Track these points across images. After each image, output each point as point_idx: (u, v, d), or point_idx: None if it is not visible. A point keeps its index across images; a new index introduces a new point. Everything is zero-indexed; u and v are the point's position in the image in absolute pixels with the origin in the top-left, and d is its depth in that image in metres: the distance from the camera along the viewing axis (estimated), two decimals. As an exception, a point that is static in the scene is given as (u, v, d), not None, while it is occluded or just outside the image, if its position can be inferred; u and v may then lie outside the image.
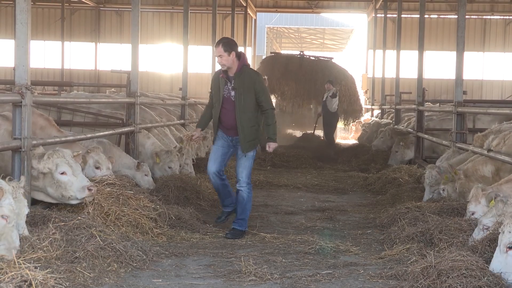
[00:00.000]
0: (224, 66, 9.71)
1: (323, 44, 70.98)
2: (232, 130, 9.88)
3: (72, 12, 42.37)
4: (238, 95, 9.72)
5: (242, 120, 9.71)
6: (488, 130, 12.05)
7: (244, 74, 9.78)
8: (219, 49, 9.68)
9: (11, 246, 6.58)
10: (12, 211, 6.62)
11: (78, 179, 8.58)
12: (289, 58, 27.87)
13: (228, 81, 9.81)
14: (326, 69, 26.28)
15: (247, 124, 9.73)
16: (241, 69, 9.77)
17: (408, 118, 21.10)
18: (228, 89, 9.81)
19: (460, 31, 14.16)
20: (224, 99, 9.85)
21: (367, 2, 39.56)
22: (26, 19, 8.37)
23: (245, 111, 9.73)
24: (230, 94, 9.79)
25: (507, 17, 40.89)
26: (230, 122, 9.83)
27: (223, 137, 10.00)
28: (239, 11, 37.24)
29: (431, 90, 34.31)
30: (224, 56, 9.64)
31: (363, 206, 12.90)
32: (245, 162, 9.91)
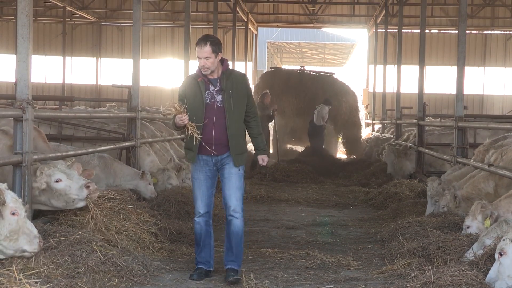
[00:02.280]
0: (207, 70, 7.99)
1: (324, 59, 71.08)
2: (219, 145, 8.05)
3: (74, 27, 42.46)
4: (226, 99, 8.00)
5: (232, 129, 8.04)
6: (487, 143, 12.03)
7: (233, 74, 8.17)
8: (206, 49, 7.93)
9: (31, 236, 6.67)
10: (17, 202, 6.69)
11: (74, 181, 8.60)
12: (289, 73, 27.87)
13: (210, 84, 8.07)
14: (327, 85, 26.27)
15: (237, 133, 8.11)
16: (227, 69, 8.17)
17: (408, 134, 21.09)
18: (211, 94, 8.04)
19: (460, 46, 14.18)
20: (207, 107, 8.02)
21: (368, 17, 39.64)
22: (27, 34, 8.39)
23: (235, 118, 8.07)
24: (215, 100, 8.02)
25: (508, 32, 40.94)
26: (217, 135, 8.01)
27: (206, 162, 8.10)
28: (240, 26, 37.30)
29: (432, 105, 34.32)
30: (212, 58, 7.95)
31: (364, 220, 12.89)
32: (236, 182, 8.12)
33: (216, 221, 10.81)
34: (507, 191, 9.41)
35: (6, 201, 6.67)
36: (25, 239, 6.65)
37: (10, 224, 6.65)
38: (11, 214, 6.66)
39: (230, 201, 8.11)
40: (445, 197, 10.77)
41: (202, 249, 8.25)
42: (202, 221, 8.23)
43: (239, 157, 8.14)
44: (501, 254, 6.53)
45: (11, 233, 6.64)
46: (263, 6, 40.10)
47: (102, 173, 11.76)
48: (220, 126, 8.03)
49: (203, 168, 8.14)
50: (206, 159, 8.12)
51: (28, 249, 6.66)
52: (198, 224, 8.23)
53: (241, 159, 8.16)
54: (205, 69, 7.99)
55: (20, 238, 6.65)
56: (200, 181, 8.18)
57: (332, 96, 25.57)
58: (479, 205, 8.70)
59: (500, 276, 6.52)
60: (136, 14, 14.03)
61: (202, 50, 7.97)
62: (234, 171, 8.14)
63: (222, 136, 8.04)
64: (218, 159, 8.12)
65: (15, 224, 6.65)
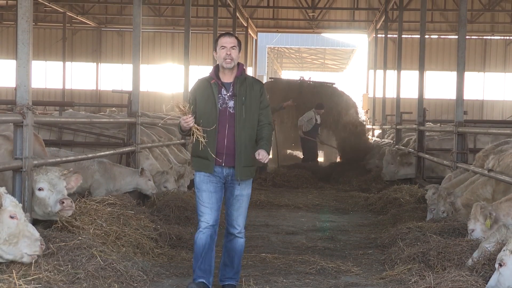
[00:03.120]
0: (230, 62, 7.46)
1: (324, 64, 71.13)
2: (230, 156, 7.45)
3: (74, 32, 42.52)
4: (238, 105, 7.44)
5: (241, 138, 7.43)
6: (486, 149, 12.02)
7: (247, 80, 7.62)
8: (233, 39, 7.53)
9: (32, 239, 6.65)
10: (16, 206, 6.68)
11: (54, 193, 8.56)
12: (289, 84, 27.79)
13: (223, 88, 7.53)
14: (327, 96, 26.14)
15: (247, 143, 7.47)
16: (242, 73, 7.66)
17: (408, 139, 21.09)
18: (223, 99, 7.48)
19: (460, 52, 14.18)
20: (220, 112, 7.47)
21: (367, 22, 39.68)
22: (27, 39, 8.39)
23: (246, 127, 7.46)
24: (227, 105, 7.46)
25: (508, 37, 41.00)
26: (229, 144, 7.44)
27: (216, 173, 7.48)
28: (240, 31, 37.31)
29: (431, 110, 34.32)
30: (236, 50, 7.51)
31: (364, 226, 12.89)
32: (245, 204, 7.68)
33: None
34: (504, 196, 9.41)
35: (4, 204, 6.66)
36: (26, 242, 6.64)
37: (9, 227, 6.64)
38: (10, 217, 6.65)
39: (237, 223, 7.65)
40: (445, 205, 10.79)
41: (202, 261, 7.59)
42: (208, 232, 7.51)
43: (246, 170, 7.49)
44: (500, 264, 6.53)
45: (10, 237, 6.63)
46: (263, 12, 40.16)
47: (102, 178, 11.77)
48: (232, 135, 7.43)
49: (212, 179, 7.49)
50: (216, 170, 7.48)
51: (29, 252, 6.65)
52: (204, 235, 7.49)
53: (247, 173, 7.52)
54: (228, 60, 7.44)
55: (20, 242, 6.64)
56: (210, 193, 7.49)
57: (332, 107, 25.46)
58: (478, 206, 8.70)
59: (500, 286, 6.52)
60: (136, 20, 14.04)
61: (230, 39, 7.51)
62: (245, 192, 7.62)
63: (233, 145, 7.46)
64: (229, 172, 7.49)
65: (14, 228, 6.64)
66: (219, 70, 7.63)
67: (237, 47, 7.52)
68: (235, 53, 7.48)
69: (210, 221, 7.49)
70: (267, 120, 7.69)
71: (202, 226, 7.49)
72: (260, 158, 7.37)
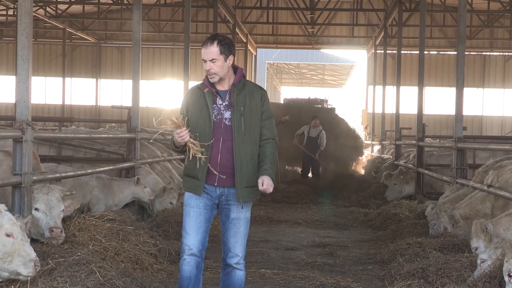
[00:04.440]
0: (214, 76, 6.45)
1: (323, 79, 71.30)
2: (225, 173, 6.47)
3: (73, 48, 42.65)
4: (236, 117, 6.45)
5: (241, 154, 6.43)
6: (486, 166, 12.04)
7: (247, 87, 6.59)
8: (213, 49, 6.39)
9: (26, 259, 6.59)
10: (15, 225, 6.64)
11: (48, 218, 8.54)
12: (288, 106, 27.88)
13: (218, 97, 6.54)
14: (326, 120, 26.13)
15: (248, 161, 6.47)
16: (241, 80, 6.62)
17: (407, 155, 21.10)
18: (218, 109, 6.50)
19: (459, 67, 14.20)
20: (214, 124, 6.49)
21: (367, 38, 39.83)
22: (27, 55, 8.41)
23: (245, 141, 6.47)
24: (222, 116, 6.48)
25: (507, 53, 41.12)
26: (223, 161, 6.45)
27: (208, 191, 6.52)
28: (239, 47, 37.44)
29: (431, 126, 34.40)
30: (219, 61, 6.42)
31: (363, 241, 12.86)
32: (244, 229, 6.63)
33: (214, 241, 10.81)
34: (503, 212, 9.40)
35: (1, 222, 6.62)
36: (20, 261, 6.58)
37: (4, 246, 6.58)
38: (6, 235, 6.60)
39: (235, 250, 6.59)
40: (444, 218, 10.77)
41: None
42: (193, 261, 6.53)
43: (248, 191, 6.48)
44: (510, 275, 6.51)
45: (5, 255, 6.57)
46: (263, 28, 40.33)
47: (101, 194, 11.77)
48: (227, 150, 6.44)
49: (204, 196, 6.54)
50: (208, 189, 6.53)
51: (23, 273, 6.60)
52: (188, 265, 6.51)
53: (249, 194, 6.50)
54: (211, 75, 6.44)
55: (15, 261, 6.58)
56: (199, 209, 6.54)
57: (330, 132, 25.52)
58: (478, 224, 8.69)
59: None
60: (136, 36, 14.09)
61: (208, 50, 6.42)
62: (243, 215, 6.57)
63: (228, 163, 6.45)
64: (223, 192, 6.51)
65: (10, 246, 6.58)
66: None
67: (218, 58, 6.39)
68: (217, 66, 6.41)
69: (194, 247, 6.49)
70: (271, 134, 6.67)
71: (186, 252, 6.51)
72: (265, 189, 6.36)
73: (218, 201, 6.55)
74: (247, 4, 37.37)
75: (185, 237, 6.56)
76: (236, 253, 6.60)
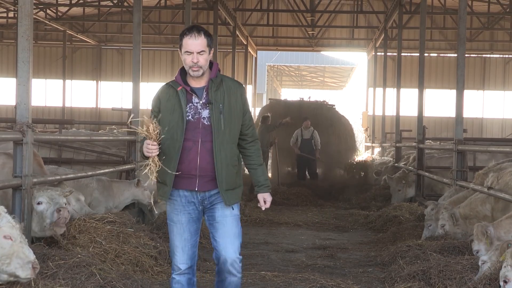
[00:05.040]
0: (198, 70, 5.96)
1: (323, 82, 71.29)
2: (205, 178, 6.03)
3: (74, 50, 42.65)
4: (215, 115, 5.97)
5: (221, 155, 5.98)
6: (487, 168, 12.04)
7: (224, 82, 6.12)
8: (201, 40, 5.93)
9: (24, 261, 6.58)
10: (13, 227, 6.63)
11: (52, 206, 8.55)
12: (288, 105, 27.91)
13: (194, 95, 6.04)
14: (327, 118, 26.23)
15: (229, 162, 6.03)
16: (218, 75, 6.12)
17: (407, 157, 21.09)
18: (195, 108, 6.01)
19: (460, 70, 14.20)
20: (189, 125, 5.99)
21: (367, 40, 39.85)
22: (27, 57, 8.41)
23: (225, 141, 6.01)
24: (200, 116, 5.99)
25: (507, 55, 41.12)
26: (203, 164, 5.98)
27: (189, 199, 6.08)
28: (239, 50, 37.45)
29: (431, 128, 34.40)
30: (206, 54, 5.97)
31: (364, 244, 12.86)
32: (232, 228, 6.11)
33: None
34: (503, 214, 9.40)
35: (0, 225, 6.61)
36: (19, 263, 6.55)
37: (3, 248, 6.56)
38: (3, 237, 6.59)
39: (226, 253, 6.00)
40: (443, 216, 10.75)
41: None
42: (184, 280, 6.13)
43: (231, 193, 6.05)
44: (505, 281, 6.51)
45: (3, 257, 6.55)
46: (263, 30, 40.32)
47: (101, 196, 11.76)
48: (207, 152, 5.96)
49: (186, 207, 6.08)
50: (188, 196, 6.07)
51: (21, 275, 6.58)
52: (178, 284, 6.12)
53: (233, 196, 6.08)
54: (196, 69, 5.94)
55: (13, 263, 6.56)
56: (182, 225, 6.09)
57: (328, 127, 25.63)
58: (479, 226, 8.69)
59: None
60: (136, 38, 14.09)
61: (196, 41, 5.91)
62: (228, 212, 6.08)
63: (209, 166, 5.98)
64: (205, 196, 6.06)
65: (8, 248, 6.55)
66: (186, 74, 6.13)
67: (206, 50, 5.95)
68: (203, 58, 5.95)
69: (182, 266, 6.07)
70: (254, 135, 6.29)
71: (175, 271, 6.11)
72: (267, 207, 6.23)
73: (202, 207, 6.10)
74: (248, 6, 37.41)
75: (172, 256, 6.17)
76: (228, 255, 6.01)
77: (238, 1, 35.14)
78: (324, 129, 24.90)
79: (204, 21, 37.46)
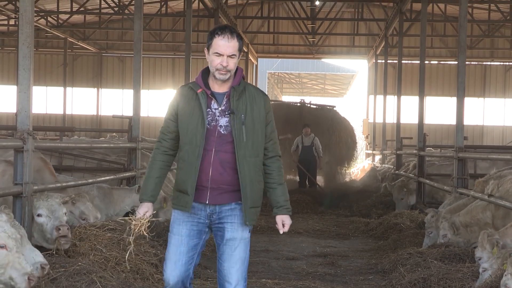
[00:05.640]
0: (226, 74, 5.53)
1: (324, 89, 71.35)
2: (217, 190, 5.57)
3: (75, 58, 42.71)
4: (237, 126, 5.51)
5: (244, 169, 5.52)
6: (487, 176, 12.05)
7: (247, 91, 5.65)
8: (234, 43, 5.53)
9: (21, 272, 6.52)
10: (9, 238, 6.55)
11: (52, 220, 8.50)
12: (290, 107, 27.96)
13: (214, 100, 5.59)
14: (327, 119, 26.33)
15: (253, 177, 5.57)
16: (241, 82, 5.67)
17: (407, 164, 21.10)
18: (213, 114, 5.56)
19: (460, 77, 14.22)
20: (207, 132, 5.53)
21: (367, 48, 39.88)
22: (28, 65, 8.42)
23: (247, 154, 5.52)
24: (217, 123, 5.54)
25: (507, 63, 41.15)
26: (215, 175, 5.53)
27: (196, 211, 5.65)
28: (240, 57, 37.48)
29: (432, 135, 34.39)
30: (236, 58, 5.59)
31: (364, 251, 12.85)
32: (241, 252, 5.64)
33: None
34: (503, 221, 9.41)
35: None
36: (14, 274, 6.49)
37: None
38: None
39: (231, 278, 5.59)
40: (443, 225, 10.74)
41: None
42: None
43: (254, 212, 5.63)
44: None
45: None
46: (264, 37, 40.39)
47: (102, 204, 11.75)
48: (221, 163, 5.52)
49: (190, 219, 5.67)
50: (196, 208, 5.64)
51: (15, 286, 6.52)
52: None
53: (254, 215, 5.64)
54: (224, 72, 5.51)
55: (7, 273, 6.50)
56: (181, 237, 5.69)
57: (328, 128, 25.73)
58: (485, 234, 8.67)
59: None
60: (137, 45, 14.11)
61: (229, 43, 5.49)
62: (239, 235, 5.62)
63: (222, 178, 5.54)
64: (215, 210, 5.63)
65: (2, 258, 6.49)
66: (208, 76, 5.67)
67: (237, 54, 5.57)
68: (233, 62, 5.55)
69: (172, 280, 5.61)
70: (276, 150, 5.80)
71: (165, 285, 5.71)
72: (285, 230, 5.78)
73: (209, 221, 5.66)
74: (248, 14, 37.45)
75: (164, 269, 5.72)
76: (233, 280, 5.57)
77: (239, 9, 35.21)
78: (325, 130, 24.95)
79: (205, 29, 37.49)
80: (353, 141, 27.38)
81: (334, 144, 25.89)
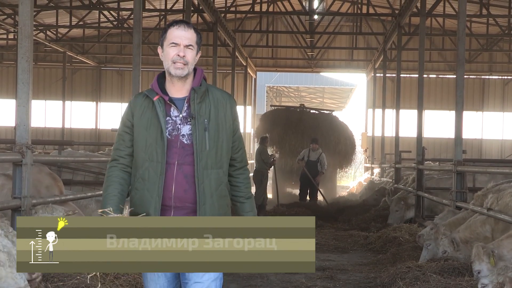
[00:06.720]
0: (183, 69, 4.79)
1: (322, 103, 71.37)
2: (183, 210, 4.73)
3: (74, 71, 42.73)
4: (199, 133, 4.73)
5: (204, 182, 4.70)
6: (486, 189, 12.04)
7: (211, 93, 4.90)
8: (190, 34, 4.83)
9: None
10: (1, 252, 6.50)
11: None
12: (290, 111, 28.18)
13: (173, 106, 4.82)
14: (326, 122, 26.55)
15: (213, 191, 4.74)
16: (202, 83, 4.92)
17: (406, 178, 21.11)
18: (174, 123, 4.79)
19: (459, 91, 14.23)
20: (168, 143, 4.73)
21: (366, 61, 39.95)
22: (27, 78, 8.43)
23: (209, 164, 4.73)
24: (179, 132, 4.76)
25: (506, 77, 41.21)
26: (179, 192, 4.70)
27: None
28: (239, 71, 37.55)
29: (430, 149, 34.37)
30: (194, 50, 4.85)
31: (363, 265, 12.82)
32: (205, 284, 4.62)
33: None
34: (503, 235, 9.38)
35: None
36: None
37: None
38: None
39: None
40: (443, 242, 10.73)
41: None
42: None
43: None
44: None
45: None
46: (262, 51, 40.44)
47: (100, 217, 11.73)
48: (185, 177, 4.72)
49: None
50: None
51: None
52: None
53: None
54: (180, 64, 4.79)
55: None
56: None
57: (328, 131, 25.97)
58: (480, 247, 8.66)
59: None
60: (135, 59, 14.13)
61: (185, 32, 4.82)
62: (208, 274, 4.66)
63: (187, 195, 4.73)
64: None
65: None
66: (165, 80, 4.96)
67: (195, 47, 4.86)
68: (191, 55, 4.83)
69: None
70: (243, 160, 5.03)
71: None
72: None
73: None
74: (247, 27, 37.49)
75: None
76: None
77: (238, 22, 35.27)
78: (324, 132, 25.07)
79: (204, 42, 37.47)
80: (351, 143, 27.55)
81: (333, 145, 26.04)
